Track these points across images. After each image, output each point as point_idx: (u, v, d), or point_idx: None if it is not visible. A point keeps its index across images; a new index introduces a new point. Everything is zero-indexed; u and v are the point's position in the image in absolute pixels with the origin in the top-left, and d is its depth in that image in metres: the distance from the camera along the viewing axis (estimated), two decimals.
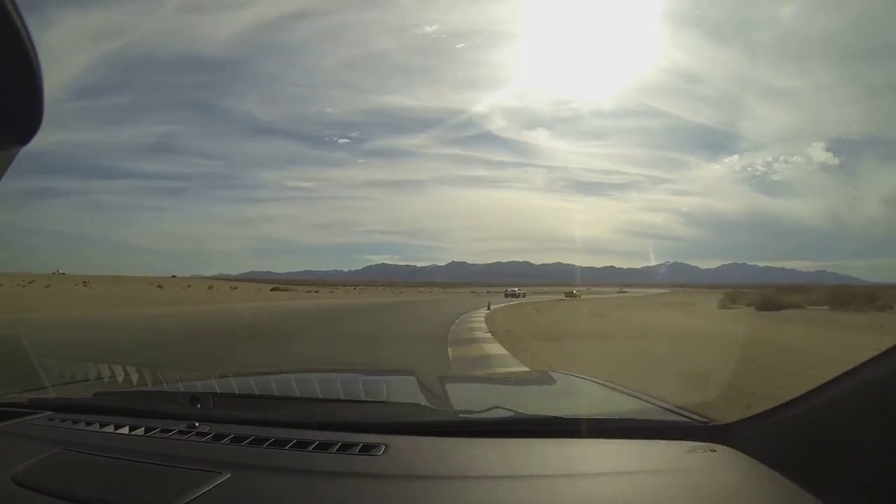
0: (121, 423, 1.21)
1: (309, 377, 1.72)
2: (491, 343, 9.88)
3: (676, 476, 0.92)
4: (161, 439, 1.11)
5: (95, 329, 11.80)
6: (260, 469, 0.94)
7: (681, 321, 17.68)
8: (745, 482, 0.90)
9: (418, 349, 9.21)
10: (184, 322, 14.19)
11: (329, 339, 10.59)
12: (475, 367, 7.18)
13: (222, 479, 0.89)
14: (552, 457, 1.01)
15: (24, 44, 0.52)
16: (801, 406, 0.90)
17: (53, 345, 7.90)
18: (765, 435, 0.97)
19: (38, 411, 1.34)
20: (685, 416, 1.17)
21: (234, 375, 1.60)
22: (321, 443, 1.05)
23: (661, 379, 5.92)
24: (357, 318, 17.24)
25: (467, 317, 17.40)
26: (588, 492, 0.85)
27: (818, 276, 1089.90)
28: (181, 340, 9.58)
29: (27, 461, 0.98)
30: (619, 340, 10.52)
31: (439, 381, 1.70)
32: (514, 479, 0.91)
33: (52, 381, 1.65)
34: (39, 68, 0.54)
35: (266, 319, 15.97)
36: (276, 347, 9.10)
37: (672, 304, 31.18)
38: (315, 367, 3.42)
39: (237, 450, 1.03)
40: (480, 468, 0.95)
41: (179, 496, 0.83)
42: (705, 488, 0.88)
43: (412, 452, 1.02)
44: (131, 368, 1.82)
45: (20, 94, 0.54)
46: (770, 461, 0.92)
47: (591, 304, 33.45)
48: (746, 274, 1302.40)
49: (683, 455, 1.01)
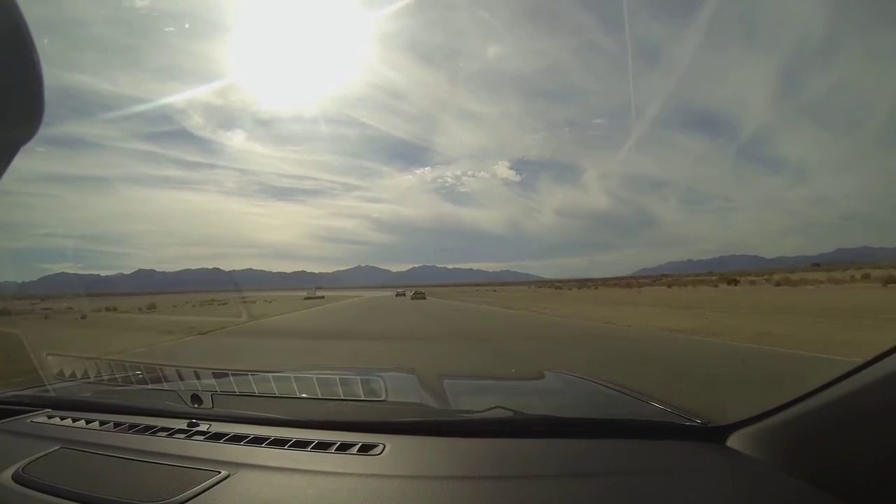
0: (121, 421, 1.21)
1: (308, 376, 1.72)
2: None
3: (676, 476, 0.92)
4: (161, 438, 1.11)
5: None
6: (259, 468, 0.95)
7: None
8: (745, 483, 0.90)
9: None
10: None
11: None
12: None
13: (222, 478, 0.89)
14: (552, 457, 1.01)
15: (25, 44, 0.51)
16: (801, 406, 0.90)
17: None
18: (764, 435, 0.97)
19: (39, 409, 1.34)
20: (685, 416, 1.17)
21: (233, 374, 1.60)
22: (320, 442, 1.05)
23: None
24: None
25: None
26: (588, 492, 0.85)
27: (503, 275, 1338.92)
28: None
29: (27, 459, 0.98)
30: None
31: (439, 381, 1.70)
32: (513, 478, 0.91)
33: (52, 379, 1.64)
34: (39, 68, 0.53)
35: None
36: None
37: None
38: (315, 366, 3.41)
39: (236, 449, 1.04)
40: (480, 468, 0.95)
41: (179, 494, 0.83)
42: (705, 489, 0.88)
43: (411, 452, 1.02)
44: (132, 366, 1.82)
45: (20, 94, 0.54)
46: (769, 461, 0.92)
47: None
48: (436, 274, 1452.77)
49: (683, 455, 1.01)
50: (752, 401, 1.06)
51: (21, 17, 0.51)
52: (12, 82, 0.53)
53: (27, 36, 0.51)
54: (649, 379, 5.40)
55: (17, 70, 0.53)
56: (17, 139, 0.57)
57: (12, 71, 0.52)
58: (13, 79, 0.53)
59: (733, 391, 4.67)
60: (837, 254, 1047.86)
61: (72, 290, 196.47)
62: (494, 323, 15.40)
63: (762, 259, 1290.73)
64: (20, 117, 0.55)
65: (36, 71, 0.53)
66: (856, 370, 0.81)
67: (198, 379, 1.62)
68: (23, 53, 0.52)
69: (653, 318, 13.81)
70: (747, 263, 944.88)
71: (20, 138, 0.57)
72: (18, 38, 0.51)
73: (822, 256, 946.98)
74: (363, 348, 9.06)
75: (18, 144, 0.58)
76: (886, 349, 0.76)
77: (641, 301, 26.76)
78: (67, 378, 1.69)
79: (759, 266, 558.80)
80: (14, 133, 0.56)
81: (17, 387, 1.50)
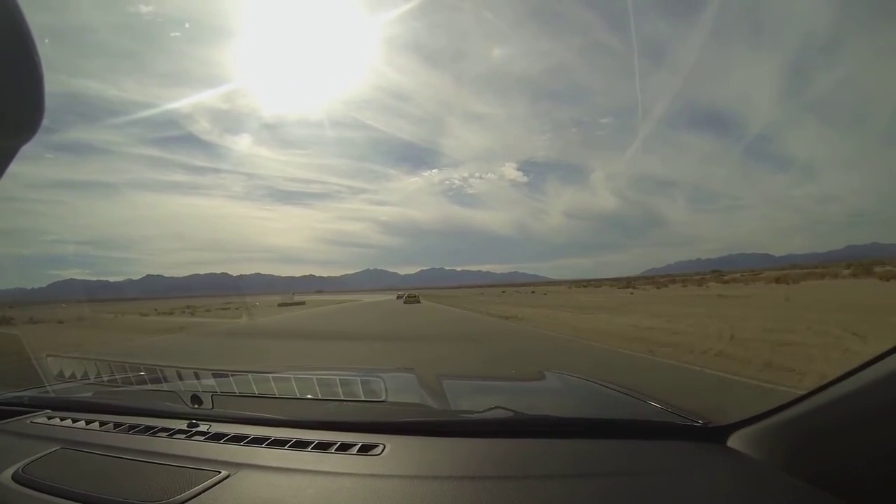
0: (120, 421, 1.21)
1: (308, 377, 1.72)
2: None
3: (677, 477, 0.92)
4: (161, 438, 1.11)
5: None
6: (259, 468, 0.95)
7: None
8: (745, 483, 0.89)
9: None
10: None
11: None
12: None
13: (222, 478, 0.89)
14: (552, 457, 1.01)
15: (25, 44, 0.51)
16: (801, 406, 0.90)
17: None
18: (764, 436, 0.96)
19: (38, 410, 1.35)
20: (685, 417, 1.17)
21: (233, 374, 1.60)
22: (320, 442, 1.05)
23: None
24: None
25: None
26: (588, 492, 0.85)
27: (511, 276, 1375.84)
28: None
29: (27, 459, 0.99)
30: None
31: (439, 381, 1.70)
32: (514, 479, 0.91)
33: (52, 380, 1.65)
34: (40, 68, 0.53)
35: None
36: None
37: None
38: (315, 366, 3.42)
39: (236, 449, 1.04)
40: (480, 468, 0.95)
41: (179, 495, 0.83)
42: (706, 489, 0.87)
43: (411, 452, 1.02)
44: (132, 367, 1.83)
45: (20, 94, 0.54)
46: (770, 462, 0.91)
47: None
48: (445, 277, 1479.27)
49: (683, 456, 1.00)
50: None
51: (22, 18, 0.51)
52: (13, 83, 0.53)
53: (28, 37, 0.51)
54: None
55: (17, 71, 0.52)
56: (18, 141, 0.57)
57: (13, 72, 0.52)
58: (14, 80, 0.53)
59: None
60: (847, 251, 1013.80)
61: (80, 295, 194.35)
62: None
63: (771, 257, 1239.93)
64: (20, 119, 0.55)
65: (37, 72, 0.53)
66: (856, 370, 0.80)
67: (198, 379, 1.63)
68: (23, 55, 0.52)
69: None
70: (756, 262, 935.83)
71: (20, 140, 0.57)
72: (19, 40, 0.51)
73: (831, 254, 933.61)
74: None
75: (18, 146, 0.58)
76: (886, 349, 0.76)
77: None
78: (67, 379, 1.70)
79: (768, 264, 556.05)
80: (14, 134, 0.56)
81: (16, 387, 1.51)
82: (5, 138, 0.56)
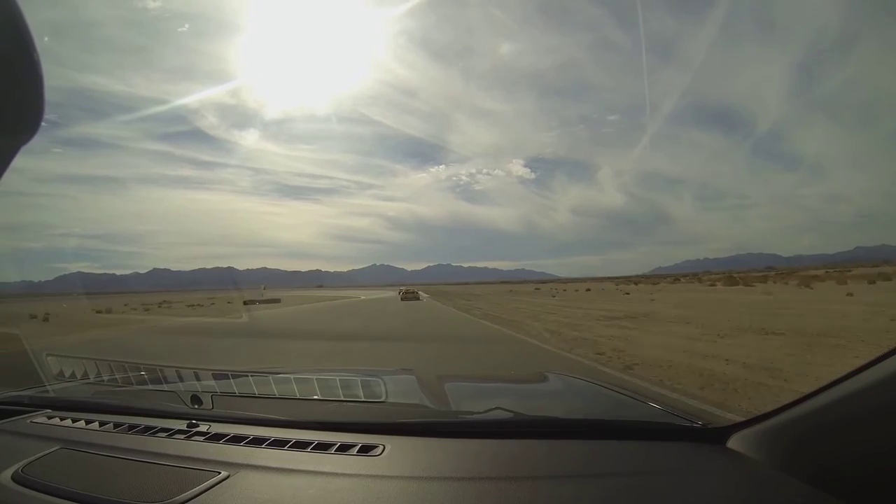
0: (120, 421, 1.22)
1: (308, 377, 1.72)
2: None
3: (676, 478, 0.91)
4: (161, 438, 1.12)
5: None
6: (259, 468, 0.95)
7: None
8: (745, 484, 0.89)
9: None
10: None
11: None
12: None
13: (221, 479, 0.89)
14: (552, 457, 1.00)
15: (25, 44, 0.51)
16: (801, 408, 0.89)
17: None
18: (764, 437, 0.96)
19: (38, 409, 1.36)
20: (685, 417, 1.17)
21: (233, 375, 1.61)
22: (320, 443, 1.05)
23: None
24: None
25: None
26: (589, 493, 0.85)
27: (518, 273, 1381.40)
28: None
29: (27, 459, 0.99)
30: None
31: (439, 381, 1.69)
32: (514, 479, 0.90)
33: (52, 380, 1.66)
34: (39, 68, 0.53)
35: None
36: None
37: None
38: (315, 367, 3.43)
39: (236, 449, 1.04)
40: (480, 468, 0.95)
41: (179, 495, 0.83)
42: (706, 490, 0.87)
43: (411, 453, 1.02)
44: (132, 367, 1.83)
45: (20, 94, 0.54)
46: (770, 463, 0.91)
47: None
48: (451, 273, 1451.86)
49: (683, 457, 1.00)
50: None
51: (21, 16, 0.51)
52: (13, 82, 0.53)
53: (28, 37, 0.51)
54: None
55: (17, 70, 0.52)
56: (18, 139, 0.57)
57: (12, 71, 0.52)
58: (13, 79, 0.53)
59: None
60: (856, 252, 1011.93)
61: (88, 288, 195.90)
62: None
63: (779, 258, 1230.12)
64: (21, 117, 0.55)
65: (37, 72, 0.53)
66: (856, 371, 0.79)
67: (197, 380, 1.63)
68: (23, 53, 0.52)
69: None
70: (764, 262, 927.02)
71: (20, 140, 0.57)
72: (19, 38, 0.51)
73: (840, 255, 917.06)
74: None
75: (18, 146, 0.58)
76: (886, 350, 0.75)
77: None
78: (67, 378, 1.70)
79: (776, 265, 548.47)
80: (14, 134, 0.56)
81: (16, 387, 1.51)
82: (5, 138, 0.56)
